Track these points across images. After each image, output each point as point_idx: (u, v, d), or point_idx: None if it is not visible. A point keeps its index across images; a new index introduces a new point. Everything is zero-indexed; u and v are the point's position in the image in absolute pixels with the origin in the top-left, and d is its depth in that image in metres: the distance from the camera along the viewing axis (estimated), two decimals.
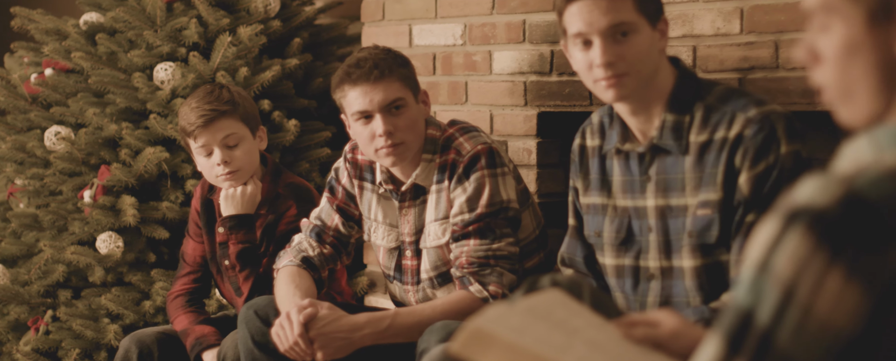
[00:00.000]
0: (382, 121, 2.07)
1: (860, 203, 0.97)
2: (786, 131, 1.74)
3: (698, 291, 1.80)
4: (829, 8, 1.03)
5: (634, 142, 1.86)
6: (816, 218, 0.97)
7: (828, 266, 0.96)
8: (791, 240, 0.97)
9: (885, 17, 1.00)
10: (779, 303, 0.97)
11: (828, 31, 1.04)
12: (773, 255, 0.98)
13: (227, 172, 2.31)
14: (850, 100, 1.05)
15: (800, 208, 0.98)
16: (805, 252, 0.97)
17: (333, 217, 2.26)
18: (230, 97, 2.32)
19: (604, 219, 1.91)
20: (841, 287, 0.96)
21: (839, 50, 1.03)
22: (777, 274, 0.98)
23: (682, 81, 1.82)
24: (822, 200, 0.97)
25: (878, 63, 1.02)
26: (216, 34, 2.79)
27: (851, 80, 1.03)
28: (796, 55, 1.07)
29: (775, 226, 0.99)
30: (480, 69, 2.64)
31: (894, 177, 0.98)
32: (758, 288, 0.98)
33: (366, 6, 2.90)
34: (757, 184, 1.74)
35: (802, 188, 0.99)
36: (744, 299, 0.99)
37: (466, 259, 2.08)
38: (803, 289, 0.96)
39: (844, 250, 0.96)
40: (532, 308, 1.22)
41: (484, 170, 2.10)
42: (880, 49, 1.01)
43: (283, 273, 2.20)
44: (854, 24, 1.02)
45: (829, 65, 1.04)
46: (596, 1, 1.76)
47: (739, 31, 2.13)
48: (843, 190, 0.97)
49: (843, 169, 1.01)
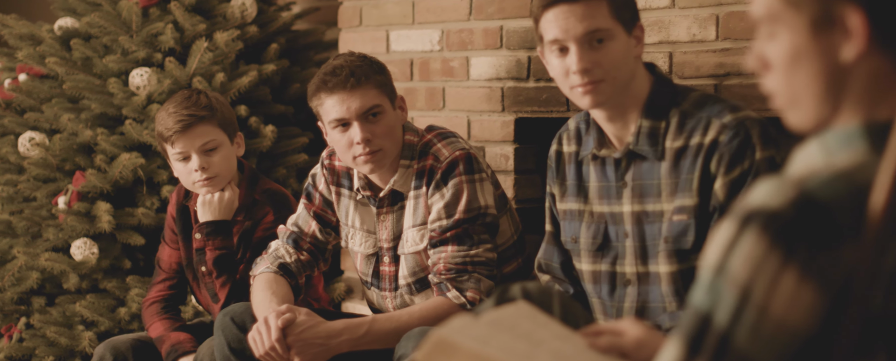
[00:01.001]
0: (360, 128, 2.07)
1: (812, 204, 0.98)
2: (760, 137, 1.75)
3: (674, 296, 1.81)
4: (774, 17, 1.05)
5: (611, 147, 1.87)
6: (770, 219, 0.98)
7: (782, 266, 0.98)
8: (746, 242, 0.99)
9: (827, 25, 1.02)
10: (735, 304, 0.98)
11: (774, 39, 1.06)
12: (729, 257, 1.00)
13: (204, 178, 2.30)
14: (797, 106, 1.07)
15: (754, 210, 0.99)
16: (760, 253, 0.98)
17: (310, 223, 2.26)
18: (208, 103, 2.31)
19: (580, 225, 1.92)
20: (795, 286, 0.98)
21: (785, 57, 1.05)
22: (733, 275, 0.99)
23: (657, 87, 1.83)
24: (775, 202, 0.99)
25: (823, 70, 1.04)
26: (192, 39, 2.78)
27: (798, 87, 1.05)
28: (746, 63, 1.09)
29: (731, 229, 1.00)
30: (458, 75, 2.64)
31: (844, 179, 1.00)
32: (715, 290, 1.00)
33: (343, 12, 2.90)
34: (732, 190, 1.75)
35: (756, 191, 1.01)
36: (702, 301, 1.00)
37: (444, 265, 2.08)
38: (759, 290, 0.98)
39: (798, 250, 0.98)
40: (497, 320, 1.23)
41: (462, 176, 2.10)
42: (825, 56, 1.03)
43: (260, 279, 2.19)
44: (798, 33, 1.04)
45: (777, 73, 1.06)
46: (572, 8, 1.77)
47: (715, 38, 2.14)
48: (795, 193, 0.99)
49: (795, 172, 1.03)
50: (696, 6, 2.16)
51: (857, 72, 1.04)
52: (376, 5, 2.81)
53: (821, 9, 1.02)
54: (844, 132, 1.05)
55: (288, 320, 2.01)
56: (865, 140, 1.04)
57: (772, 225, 0.98)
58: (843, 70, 1.04)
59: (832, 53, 1.03)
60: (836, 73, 1.04)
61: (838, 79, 1.04)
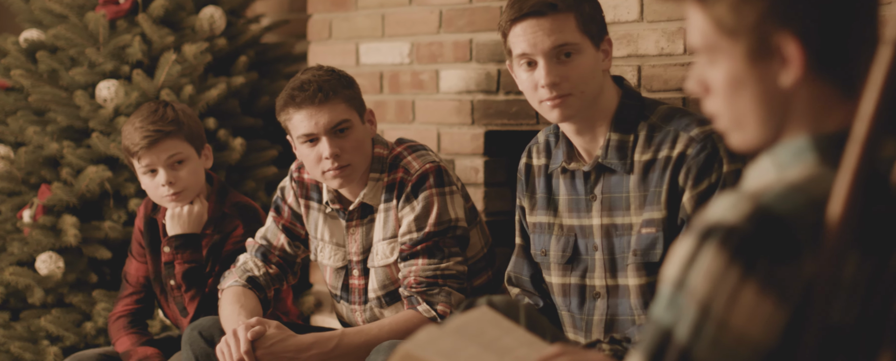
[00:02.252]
0: (328, 143, 2.06)
1: (769, 218, 1.00)
2: (727, 150, 1.76)
3: (643, 309, 1.82)
4: (712, 46, 1.07)
5: (580, 161, 1.88)
6: (728, 234, 0.99)
7: (741, 280, 0.99)
8: (705, 257, 1.00)
9: (764, 54, 1.04)
10: (696, 319, 0.99)
11: (714, 65, 1.07)
12: (689, 272, 1.00)
13: (172, 193, 2.28)
14: (740, 129, 1.08)
15: (712, 226, 1.00)
16: (719, 268, 0.99)
17: (279, 236, 2.25)
18: (174, 116, 2.29)
19: (550, 238, 1.92)
20: (755, 300, 0.99)
21: (725, 84, 1.06)
22: (693, 290, 1.00)
23: (626, 101, 1.84)
24: (732, 217, 1.00)
25: (763, 96, 1.05)
26: (161, 52, 2.76)
27: (740, 111, 1.07)
28: (688, 86, 1.10)
29: (690, 244, 1.01)
30: (428, 88, 2.64)
31: (798, 191, 1.01)
32: (675, 305, 1.00)
33: (312, 25, 2.89)
34: (700, 203, 1.76)
35: (714, 207, 1.02)
36: (663, 317, 1.01)
37: (415, 278, 2.08)
38: (718, 305, 0.99)
39: (757, 264, 0.99)
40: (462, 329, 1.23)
41: (432, 189, 2.10)
42: (764, 83, 1.05)
43: (228, 293, 2.18)
44: (736, 61, 1.05)
45: (718, 97, 1.08)
46: (540, 22, 1.77)
47: (683, 52, 2.16)
48: (751, 207, 1.00)
49: (750, 187, 1.04)
50: (664, 20, 2.18)
51: (797, 95, 1.05)
52: (346, 18, 2.81)
53: (757, 38, 1.04)
54: (794, 146, 1.06)
55: (257, 333, 1.99)
56: (815, 152, 1.05)
57: (730, 240, 0.99)
58: (783, 94, 1.05)
59: (771, 80, 1.05)
60: (776, 98, 1.05)
61: (779, 103, 1.06)
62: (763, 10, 1.03)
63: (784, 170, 1.06)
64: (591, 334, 1.88)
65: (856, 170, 0.99)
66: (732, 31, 1.05)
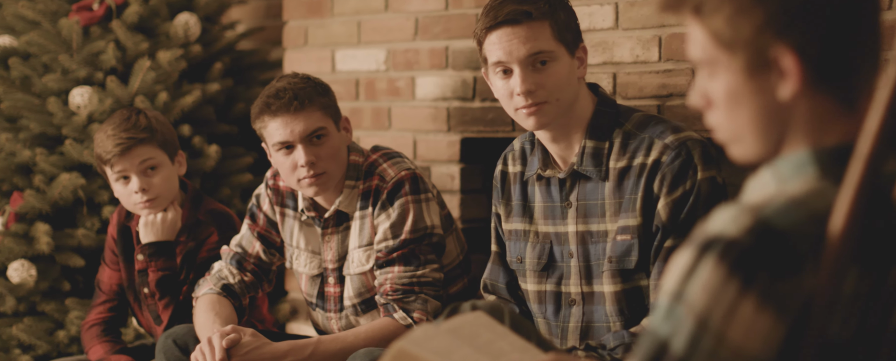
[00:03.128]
0: (304, 151, 2.06)
1: (769, 231, 0.99)
2: (702, 157, 1.77)
3: (618, 316, 1.82)
4: (711, 60, 1.07)
5: (555, 168, 1.88)
6: (728, 247, 0.99)
7: (740, 294, 0.98)
8: (704, 270, 1.00)
9: (762, 67, 1.05)
10: (693, 332, 0.99)
11: (714, 78, 1.08)
12: (688, 285, 1.00)
13: (145, 200, 2.26)
14: (739, 142, 1.09)
15: (712, 238, 1.00)
16: (718, 281, 0.99)
17: (254, 244, 2.24)
18: (147, 123, 2.28)
19: (526, 245, 1.92)
20: (753, 314, 0.99)
21: (724, 96, 1.07)
22: (691, 303, 1.00)
23: (601, 108, 1.85)
24: (733, 230, 1.00)
25: (762, 108, 1.06)
26: (135, 58, 2.75)
27: (739, 124, 1.07)
28: (690, 100, 1.11)
29: (689, 256, 1.01)
30: (404, 95, 2.64)
31: (799, 205, 1.01)
32: (673, 317, 1.00)
33: (288, 31, 2.89)
34: (674, 210, 1.77)
35: (714, 219, 1.02)
36: (660, 328, 1.01)
37: (391, 285, 2.08)
38: (716, 318, 0.99)
39: (756, 278, 0.99)
40: (456, 330, 1.22)
41: (408, 197, 2.10)
42: (762, 96, 1.05)
43: (203, 301, 2.17)
44: (735, 75, 1.06)
45: (718, 110, 1.08)
46: (515, 30, 1.78)
47: (658, 59, 2.17)
48: (752, 220, 1.00)
49: (750, 200, 1.04)
50: (639, 27, 2.19)
51: (796, 109, 1.05)
52: (322, 25, 2.80)
53: (755, 52, 1.04)
54: (795, 159, 1.06)
55: (233, 340, 1.98)
56: (816, 166, 1.05)
57: (730, 254, 0.99)
58: (782, 108, 1.05)
59: (770, 93, 1.05)
60: (775, 111, 1.05)
61: (778, 117, 1.06)
62: (759, 23, 1.03)
63: (785, 183, 1.06)
64: (566, 341, 1.88)
65: (858, 186, 0.98)
66: (730, 44, 1.05)
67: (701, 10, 1.06)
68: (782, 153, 1.08)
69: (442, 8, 2.55)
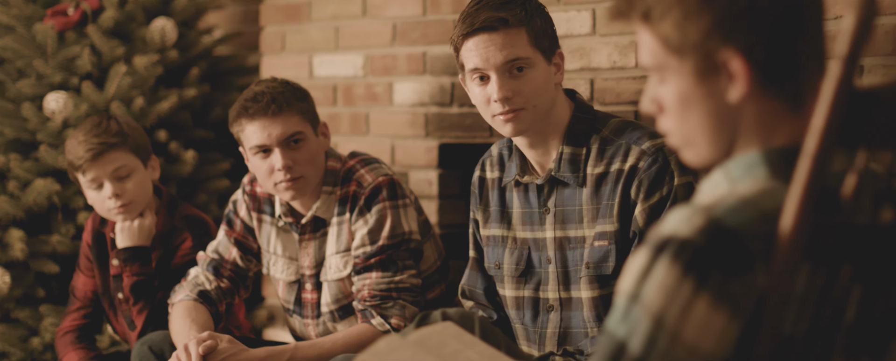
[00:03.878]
0: (281, 155, 2.05)
1: (721, 231, 1.01)
2: (678, 163, 1.78)
3: (596, 322, 1.83)
4: (661, 65, 1.08)
5: (533, 174, 1.88)
6: (681, 247, 1.00)
7: (694, 293, 1.00)
8: (659, 270, 1.01)
9: (711, 71, 1.06)
10: (649, 332, 1.00)
11: (664, 83, 1.09)
12: (643, 285, 1.01)
13: (119, 205, 2.25)
14: (692, 145, 1.10)
15: (666, 239, 1.02)
16: (672, 281, 1.00)
17: (231, 250, 2.23)
18: (118, 128, 2.26)
19: (504, 251, 1.92)
20: (708, 313, 1.00)
21: (675, 101, 1.08)
22: (647, 303, 1.01)
23: (578, 114, 1.86)
24: (685, 230, 1.01)
25: (712, 111, 1.07)
26: (111, 64, 2.73)
27: (690, 128, 1.09)
28: (642, 106, 1.12)
29: (644, 257, 1.02)
30: (381, 100, 2.64)
31: (750, 205, 1.03)
32: (629, 318, 1.01)
33: (266, 37, 2.88)
34: (651, 215, 1.77)
35: (668, 220, 1.03)
36: (617, 329, 1.02)
37: (368, 291, 2.07)
38: (672, 317, 1.00)
39: (710, 277, 1.00)
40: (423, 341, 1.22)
41: (385, 202, 2.09)
42: (712, 99, 1.07)
43: (179, 307, 2.15)
44: (684, 78, 1.07)
45: (670, 115, 1.09)
46: (492, 37, 1.78)
47: (635, 65, 2.18)
48: (704, 220, 1.01)
49: (703, 200, 1.06)
50: (616, 33, 2.20)
51: (745, 111, 1.07)
52: (299, 31, 2.80)
53: (703, 56, 1.06)
54: (745, 160, 1.08)
55: (209, 347, 1.97)
56: (766, 166, 1.07)
57: (683, 253, 1.00)
58: (732, 110, 1.07)
59: (719, 96, 1.07)
60: (725, 114, 1.07)
61: (728, 119, 1.07)
62: (707, 28, 1.05)
63: (736, 183, 1.07)
64: (544, 346, 1.88)
65: (807, 184, 1.00)
66: (679, 49, 1.07)
67: (649, 17, 1.08)
68: (734, 155, 1.09)
69: (420, 14, 2.55)
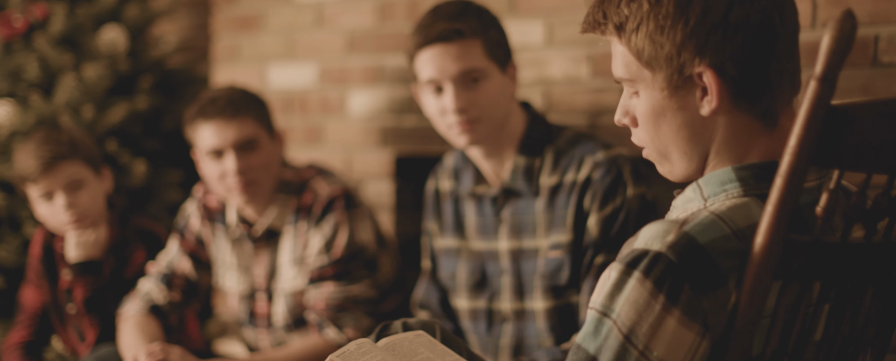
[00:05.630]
0: (235, 158, 2.04)
1: (693, 248, 1.01)
2: (632, 174, 1.79)
3: (550, 333, 1.83)
4: (634, 78, 1.09)
5: (487, 185, 1.89)
6: (652, 263, 1.00)
7: (664, 309, 1.00)
8: (630, 286, 1.01)
9: (684, 85, 1.07)
10: (619, 347, 1.00)
11: (638, 96, 1.10)
12: (615, 301, 1.01)
13: (73, 217, 2.22)
14: (665, 159, 1.11)
15: (637, 255, 1.02)
16: (643, 297, 1.00)
17: (183, 261, 2.20)
18: (69, 139, 2.23)
19: (458, 262, 1.92)
20: (677, 329, 1.00)
21: (647, 114, 1.09)
22: (618, 318, 1.01)
23: (532, 125, 1.86)
24: (658, 247, 1.01)
25: (684, 125, 1.08)
26: (59, 73, 2.69)
27: (663, 142, 1.10)
28: (616, 118, 1.12)
29: (616, 273, 1.02)
30: (337, 111, 2.63)
31: (723, 222, 1.03)
32: (600, 333, 1.01)
33: (218, 46, 2.85)
34: (605, 226, 1.78)
35: (640, 236, 1.03)
36: (587, 343, 1.02)
37: (323, 303, 2.06)
38: (642, 333, 1.00)
39: (680, 294, 1.00)
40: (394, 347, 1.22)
41: (340, 213, 2.09)
42: (684, 112, 1.08)
43: (129, 320, 2.12)
44: (657, 91, 1.08)
45: (643, 128, 1.10)
46: (447, 48, 1.78)
47: (588, 77, 2.19)
48: (676, 237, 1.01)
49: (675, 217, 1.06)
50: (570, 45, 2.21)
51: (718, 125, 1.08)
52: (253, 40, 2.78)
53: (676, 69, 1.07)
54: (719, 176, 1.08)
55: (159, 359, 1.94)
56: (738, 183, 1.07)
57: (655, 269, 1.00)
58: (704, 124, 1.08)
59: (692, 110, 1.08)
60: (698, 128, 1.08)
61: (701, 133, 1.08)
62: (679, 41, 1.06)
63: (709, 200, 1.08)
64: (498, 357, 1.88)
65: (779, 202, 1.01)
66: (651, 62, 1.07)
67: (623, 29, 1.08)
68: (707, 170, 1.10)
69: (375, 24, 2.54)
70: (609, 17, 1.09)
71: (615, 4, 1.08)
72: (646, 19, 1.06)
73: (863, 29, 1.67)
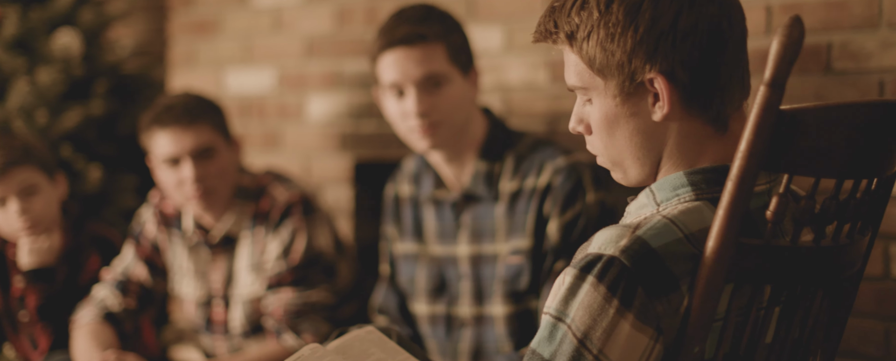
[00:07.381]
0: (192, 166, 2.02)
1: (646, 252, 1.02)
2: (592, 180, 1.80)
3: (509, 338, 1.83)
4: (587, 86, 1.10)
5: (447, 190, 1.89)
6: (605, 267, 1.01)
7: (618, 314, 1.01)
8: (584, 291, 1.01)
9: (635, 92, 1.08)
10: (574, 352, 1.00)
11: (591, 103, 1.11)
12: (568, 305, 1.02)
13: (26, 224, 2.18)
14: (619, 165, 1.12)
15: (591, 259, 1.02)
16: (597, 301, 1.01)
17: (138, 268, 2.18)
18: (23, 145, 2.20)
19: (417, 267, 1.92)
20: (631, 333, 1.01)
21: (601, 121, 1.10)
22: (572, 323, 1.01)
23: (493, 131, 1.87)
24: (611, 251, 1.02)
25: (637, 131, 1.09)
26: (12, 77, 2.65)
27: (617, 148, 1.11)
28: (570, 126, 1.13)
29: (570, 277, 1.03)
30: (295, 116, 2.62)
31: (675, 226, 1.04)
32: (554, 338, 1.02)
33: (175, 50, 2.83)
34: (565, 232, 1.79)
35: (594, 241, 1.04)
36: (542, 349, 1.02)
37: (281, 308, 2.05)
38: (596, 337, 1.00)
39: (634, 298, 1.01)
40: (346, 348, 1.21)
41: (298, 219, 2.08)
42: (636, 118, 1.09)
43: (83, 327, 2.10)
44: (609, 99, 1.09)
45: (597, 135, 1.11)
46: (409, 51, 1.78)
47: (547, 84, 2.20)
48: (629, 241, 1.02)
49: (628, 222, 1.07)
50: (529, 51, 2.22)
51: (670, 131, 1.09)
52: (210, 45, 2.76)
53: (627, 76, 1.08)
54: (671, 181, 1.09)
55: None
56: (690, 187, 1.09)
57: (608, 274, 1.01)
58: (656, 130, 1.09)
59: (644, 116, 1.09)
60: (650, 134, 1.09)
61: (654, 139, 1.09)
62: (629, 49, 1.07)
63: (662, 204, 1.09)
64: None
65: (730, 206, 1.02)
66: (603, 70, 1.08)
67: (574, 38, 1.09)
68: (660, 175, 1.11)
69: (333, 29, 2.54)
70: (560, 26, 1.10)
71: (566, 13, 1.09)
72: (596, 27, 1.07)
73: (816, 36, 1.70)
